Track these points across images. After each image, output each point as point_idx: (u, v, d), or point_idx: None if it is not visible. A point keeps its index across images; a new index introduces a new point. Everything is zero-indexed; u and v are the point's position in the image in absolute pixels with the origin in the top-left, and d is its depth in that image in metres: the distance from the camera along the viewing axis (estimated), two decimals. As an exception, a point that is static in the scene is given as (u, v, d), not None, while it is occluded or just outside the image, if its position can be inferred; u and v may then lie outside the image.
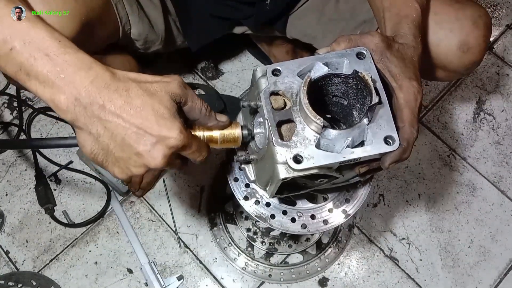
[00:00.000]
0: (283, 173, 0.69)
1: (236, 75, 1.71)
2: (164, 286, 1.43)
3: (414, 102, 0.73)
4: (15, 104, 1.64)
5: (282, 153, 0.68)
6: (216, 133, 0.73)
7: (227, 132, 0.74)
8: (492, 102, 1.73)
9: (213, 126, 0.73)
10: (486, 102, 1.73)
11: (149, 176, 1.49)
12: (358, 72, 0.70)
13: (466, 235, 1.55)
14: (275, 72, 0.72)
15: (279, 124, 0.70)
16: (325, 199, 0.94)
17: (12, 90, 1.65)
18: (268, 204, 0.91)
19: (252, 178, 0.83)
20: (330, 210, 0.92)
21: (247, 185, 0.92)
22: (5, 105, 1.64)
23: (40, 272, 1.45)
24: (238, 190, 0.92)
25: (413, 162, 1.62)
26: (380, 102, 0.69)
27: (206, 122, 0.72)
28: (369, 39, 0.75)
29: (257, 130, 0.78)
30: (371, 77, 0.69)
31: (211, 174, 1.56)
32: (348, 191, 0.94)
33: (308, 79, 0.68)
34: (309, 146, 0.68)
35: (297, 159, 0.67)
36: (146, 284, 1.44)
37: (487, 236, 1.55)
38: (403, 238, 1.53)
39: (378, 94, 0.69)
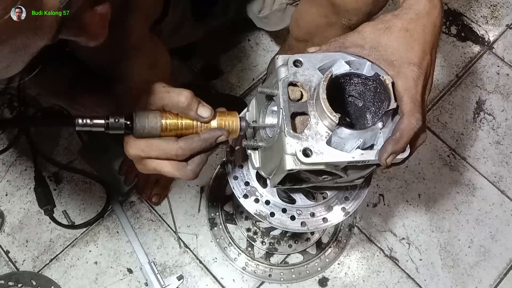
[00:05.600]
0: (290, 165, 0.68)
1: (236, 75, 1.71)
2: (164, 286, 1.43)
3: (414, 89, 0.69)
4: (15, 104, 1.64)
5: (292, 145, 0.67)
6: (214, 123, 0.72)
7: (226, 122, 0.72)
8: (492, 102, 1.73)
9: (194, 119, 0.70)
10: (486, 102, 1.73)
11: (162, 182, 1.50)
12: (380, 75, 0.70)
13: (466, 235, 1.55)
14: (297, 63, 0.71)
15: (293, 116, 0.70)
16: (324, 198, 0.94)
17: (13, 88, 1.65)
18: (267, 202, 0.91)
19: (257, 165, 0.82)
20: (329, 208, 0.92)
21: (246, 183, 0.92)
22: (5, 105, 1.65)
23: (40, 272, 1.45)
24: (237, 188, 0.93)
25: (413, 162, 1.62)
26: (397, 109, 0.69)
27: (186, 116, 0.70)
28: (356, 36, 0.73)
29: (268, 118, 0.77)
30: (391, 81, 0.69)
31: (211, 174, 1.56)
32: (348, 189, 0.94)
33: (330, 75, 0.68)
34: (320, 142, 0.68)
35: (306, 152, 0.67)
36: (146, 284, 1.44)
37: (487, 236, 1.55)
38: (403, 238, 1.53)
39: (396, 100, 0.69)
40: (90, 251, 1.48)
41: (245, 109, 0.84)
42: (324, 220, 0.91)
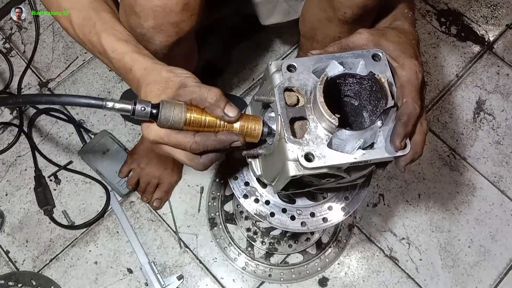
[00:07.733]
0: (293, 171, 0.68)
1: (236, 75, 1.71)
2: (164, 286, 1.43)
3: (416, 80, 0.74)
4: (15, 104, 1.64)
5: (294, 150, 0.67)
6: (236, 125, 0.72)
7: (248, 125, 0.72)
8: (492, 102, 1.73)
9: (219, 118, 0.71)
10: (486, 102, 1.73)
11: (164, 186, 1.50)
12: (375, 74, 0.70)
13: (466, 235, 1.55)
14: (290, 68, 0.72)
15: (291, 121, 0.70)
16: (324, 198, 0.94)
17: (12, 89, 1.65)
18: (267, 202, 0.91)
19: (258, 172, 0.82)
20: (329, 208, 0.92)
21: (246, 184, 0.92)
22: (5, 105, 1.65)
23: (40, 272, 1.45)
24: (237, 189, 0.93)
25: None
26: (395, 106, 0.69)
27: (212, 112, 0.71)
28: (357, 37, 0.77)
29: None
30: (387, 80, 0.69)
31: (211, 174, 1.56)
32: (348, 189, 0.95)
33: (325, 78, 0.68)
34: (321, 145, 0.68)
35: (309, 157, 0.66)
36: (146, 284, 1.44)
37: (487, 236, 1.55)
38: (403, 238, 1.53)
39: (393, 97, 0.69)
40: (90, 251, 1.48)
41: None
42: (324, 220, 0.91)
